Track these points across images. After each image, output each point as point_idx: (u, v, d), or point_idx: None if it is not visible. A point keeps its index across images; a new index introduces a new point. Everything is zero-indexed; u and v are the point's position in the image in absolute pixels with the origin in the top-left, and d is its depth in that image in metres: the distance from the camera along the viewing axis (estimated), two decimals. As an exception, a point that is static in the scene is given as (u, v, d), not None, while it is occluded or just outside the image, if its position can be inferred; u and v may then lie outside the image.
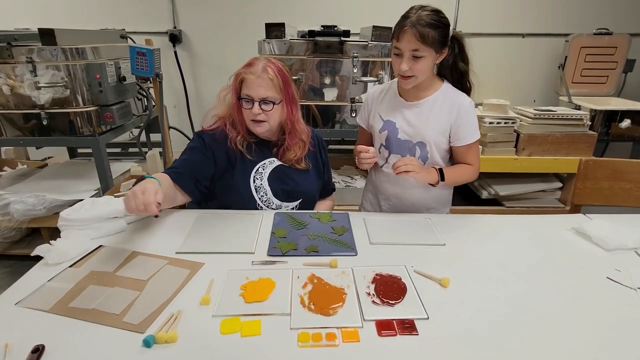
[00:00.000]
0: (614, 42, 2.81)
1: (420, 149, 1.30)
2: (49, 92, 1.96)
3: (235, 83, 1.24)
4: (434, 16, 1.13)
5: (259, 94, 1.20)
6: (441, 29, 1.14)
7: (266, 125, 1.25)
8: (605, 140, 2.72)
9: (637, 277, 0.97)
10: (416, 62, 1.16)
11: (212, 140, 1.28)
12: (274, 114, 1.24)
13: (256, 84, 1.20)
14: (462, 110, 1.25)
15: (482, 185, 2.63)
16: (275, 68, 1.22)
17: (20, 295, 0.85)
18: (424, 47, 1.13)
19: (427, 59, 1.16)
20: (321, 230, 1.17)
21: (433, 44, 1.13)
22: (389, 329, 0.78)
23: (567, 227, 1.22)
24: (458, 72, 1.28)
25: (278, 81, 1.22)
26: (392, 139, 1.33)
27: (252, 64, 1.23)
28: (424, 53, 1.14)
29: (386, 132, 1.33)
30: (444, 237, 1.15)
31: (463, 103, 1.25)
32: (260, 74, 1.20)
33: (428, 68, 1.19)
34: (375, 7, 2.90)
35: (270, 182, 1.31)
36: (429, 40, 1.12)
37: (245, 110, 1.24)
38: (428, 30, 1.11)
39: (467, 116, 1.25)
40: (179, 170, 1.23)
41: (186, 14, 3.01)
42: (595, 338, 0.77)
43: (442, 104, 1.26)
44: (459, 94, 1.28)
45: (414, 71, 1.17)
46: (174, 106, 3.20)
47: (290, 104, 1.28)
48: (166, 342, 0.73)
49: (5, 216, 2.07)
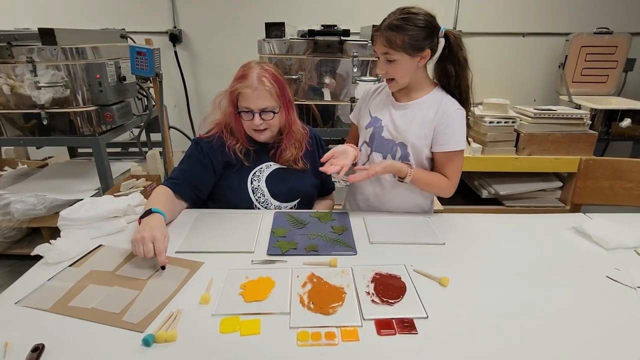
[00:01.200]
0: (615, 42, 2.81)
1: (401, 149, 1.27)
2: (49, 92, 1.97)
3: (232, 97, 1.23)
4: (401, 20, 1.10)
5: (258, 106, 1.20)
6: (411, 32, 1.10)
7: (268, 132, 1.27)
8: (606, 140, 2.72)
9: (637, 276, 0.97)
10: (390, 65, 1.15)
11: (209, 148, 1.28)
12: (274, 122, 1.25)
13: (254, 96, 1.19)
14: (445, 114, 1.19)
15: (482, 185, 2.63)
16: (269, 76, 1.21)
17: (20, 295, 0.85)
18: (393, 51, 1.12)
19: (400, 62, 1.14)
20: (321, 229, 1.17)
21: (402, 47, 1.11)
22: (389, 328, 0.78)
23: (567, 226, 1.22)
24: (447, 76, 1.21)
25: (275, 89, 1.21)
26: (376, 137, 1.30)
27: (246, 75, 1.20)
28: (395, 57, 1.13)
29: (371, 128, 1.32)
30: (443, 236, 1.14)
31: (447, 108, 1.19)
32: (256, 86, 1.19)
33: (405, 71, 1.16)
34: (375, 7, 2.90)
35: (267, 184, 1.31)
36: (396, 44, 1.10)
37: (245, 122, 1.25)
38: (394, 34, 1.10)
39: (449, 122, 1.19)
40: (178, 181, 1.25)
41: (186, 14, 3.01)
42: (595, 337, 0.77)
43: (429, 107, 1.21)
44: (447, 99, 1.21)
45: (391, 74, 1.17)
46: (174, 106, 3.21)
47: (287, 107, 1.28)
48: (166, 341, 0.73)
49: (6, 216, 2.08)
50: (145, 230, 0.98)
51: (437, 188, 1.26)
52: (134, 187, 1.91)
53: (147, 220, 1.04)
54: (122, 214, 1.18)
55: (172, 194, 1.22)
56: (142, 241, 0.95)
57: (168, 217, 1.12)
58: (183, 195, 1.25)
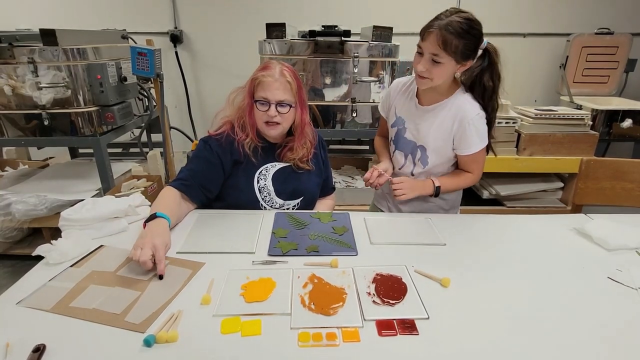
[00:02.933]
0: (616, 42, 2.80)
1: (421, 151, 1.31)
2: (50, 93, 1.97)
3: (251, 86, 1.24)
4: (464, 25, 1.07)
5: (276, 97, 1.21)
6: (468, 40, 1.08)
7: (280, 127, 1.26)
8: (607, 140, 2.72)
9: (638, 277, 0.96)
10: (434, 66, 1.12)
11: (219, 146, 1.28)
12: (288, 117, 1.25)
13: (274, 86, 1.21)
14: (464, 121, 1.20)
15: (483, 185, 2.63)
16: (291, 72, 1.25)
17: (21, 295, 0.86)
18: (444, 54, 1.09)
19: (445, 66, 1.12)
20: (322, 230, 1.17)
21: (455, 53, 1.08)
22: (390, 328, 0.78)
23: (568, 227, 1.22)
24: (482, 87, 1.20)
25: (294, 85, 1.24)
26: (400, 137, 1.35)
27: (268, 67, 1.24)
28: (443, 59, 1.10)
29: (396, 128, 1.36)
30: (444, 237, 1.14)
31: (466, 115, 1.20)
32: (277, 77, 1.21)
33: (446, 75, 1.15)
34: (375, 7, 2.90)
35: (273, 182, 1.31)
36: (451, 48, 1.07)
37: (259, 112, 1.24)
38: (453, 38, 1.06)
39: (469, 128, 1.20)
40: (187, 182, 1.24)
41: (187, 15, 3.01)
42: (596, 338, 0.77)
43: (449, 111, 1.23)
44: (467, 104, 1.21)
45: (431, 74, 1.14)
46: (175, 106, 3.21)
47: (302, 107, 1.29)
48: (167, 341, 0.73)
49: (7, 216, 2.08)
50: (147, 236, 0.97)
51: (463, 186, 1.34)
52: (134, 187, 1.92)
53: (150, 226, 1.03)
54: (123, 215, 1.18)
55: (180, 196, 1.21)
56: (142, 246, 0.94)
57: (173, 221, 1.12)
58: (192, 197, 1.24)
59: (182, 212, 1.21)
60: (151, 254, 0.93)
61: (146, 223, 1.05)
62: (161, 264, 0.93)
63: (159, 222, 1.05)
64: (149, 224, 1.04)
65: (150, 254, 0.93)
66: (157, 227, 1.03)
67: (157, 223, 1.04)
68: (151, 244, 0.95)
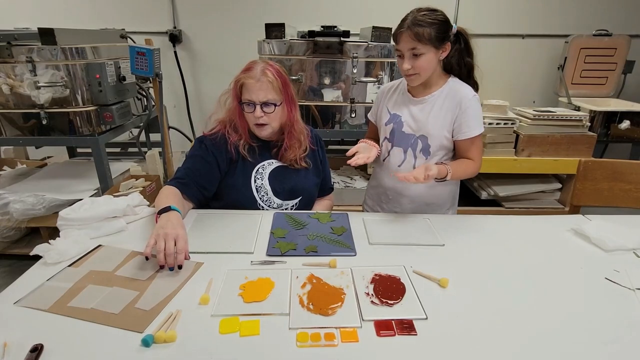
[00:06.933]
0: (614, 44, 2.81)
1: (421, 141, 1.32)
2: (48, 92, 1.96)
3: (236, 88, 1.25)
4: (428, 15, 1.17)
5: (260, 98, 1.21)
6: (436, 25, 1.16)
7: (269, 127, 1.26)
8: (605, 141, 2.72)
9: (636, 278, 0.97)
10: (416, 59, 1.19)
11: (213, 145, 1.28)
12: (275, 116, 1.25)
13: (256, 87, 1.20)
14: (464, 102, 1.25)
15: (481, 186, 2.63)
16: (273, 70, 1.23)
17: (19, 295, 0.85)
18: (421, 45, 1.17)
19: (427, 56, 1.19)
20: (320, 230, 1.17)
21: (430, 40, 1.16)
22: (388, 329, 0.78)
23: (566, 228, 1.22)
24: (465, 67, 1.30)
25: (278, 83, 1.23)
26: (396, 132, 1.36)
27: (250, 68, 1.23)
28: (422, 50, 1.17)
29: (392, 124, 1.37)
30: (443, 237, 1.15)
31: (465, 96, 1.26)
32: (259, 78, 1.21)
33: (430, 64, 1.21)
34: (375, 8, 2.90)
35: (270, 182, 1.31)
36: (424, 37, 1.15)
37: (247, 114, 1.25)
38: (423, 29, 1.15)
39: (469, 109, 1.25)
40: (184, 180, 1.24)
41: (186, 14, 3.01)
42: (594, 339, 0.77)
43: (446, 97, 1.28)
44: (463, 87, 1.28)
45: (416, 69, 1.20)
46: (174, 106, 3.20)
47: (290, 105, 1.29)
48: (165, 341, 0.73)
49: (5, 215, 2.07)
50: (168, 227, 0.96)
51: (469, 173, 1.33)
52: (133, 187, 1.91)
53: (168, 216, 1.02)
54: (121, 214, 1.18)
55: (180, 193, 1.22)
56: (165, 238, 0.93)
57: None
58: (189, 196, 1.24)
59: (184, 210, 1.22)
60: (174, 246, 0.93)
61: (159, 215, 1.04)
62: (182, 254, 0.93)
63: (175, 214, 1.04)
64: (165, 215, 1.03)
65: (174, 247, 0.93)
66: (176, 219, 1.02)
67: (175, 215, 1.04)
68: (174, 234, 0.95)
